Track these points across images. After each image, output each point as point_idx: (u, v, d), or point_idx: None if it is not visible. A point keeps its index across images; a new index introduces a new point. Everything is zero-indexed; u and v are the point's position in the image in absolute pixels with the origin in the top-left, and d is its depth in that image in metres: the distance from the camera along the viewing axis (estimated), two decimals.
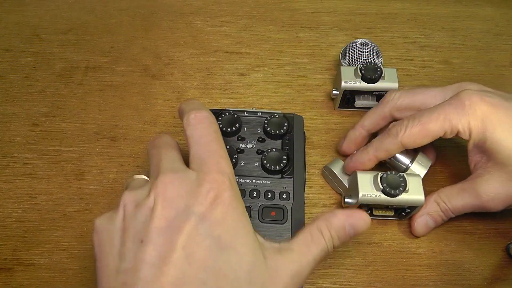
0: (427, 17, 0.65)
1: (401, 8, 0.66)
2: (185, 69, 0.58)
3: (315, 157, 0.50)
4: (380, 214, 0.44)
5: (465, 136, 0.41)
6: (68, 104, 0.54)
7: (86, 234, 0.44)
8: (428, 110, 0.41)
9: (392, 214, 0.45)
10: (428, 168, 0.45)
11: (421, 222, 0.44)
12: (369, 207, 0.44)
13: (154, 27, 0.62)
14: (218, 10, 0.65)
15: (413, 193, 0.41)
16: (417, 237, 0.45)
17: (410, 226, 0.45)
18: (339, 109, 0.54)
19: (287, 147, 0.44)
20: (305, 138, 0.46)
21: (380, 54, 0.55)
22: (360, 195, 0.41)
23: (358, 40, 0.56)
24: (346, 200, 0.43)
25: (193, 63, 0.59)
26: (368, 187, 0.42)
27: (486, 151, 0.40)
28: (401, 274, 0.43)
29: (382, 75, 0.51)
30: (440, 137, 0.41)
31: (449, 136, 0.41)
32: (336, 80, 0.54)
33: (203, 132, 0.33)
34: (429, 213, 0.43)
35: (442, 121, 0.40)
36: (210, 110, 0.46)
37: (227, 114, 0.45)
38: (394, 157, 0.45)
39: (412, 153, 0.45)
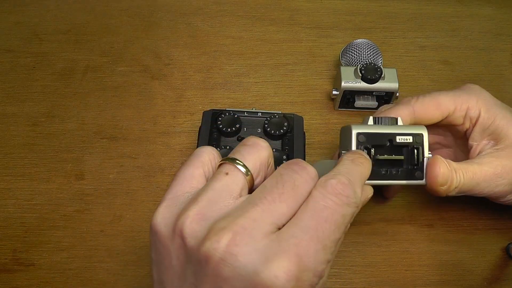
0: (427, 17, 0.65)
1: (401, 8, 0.66)
2: (185, 69, 0.58)
3: (315, 157, 0.50)
4: (387, 158, 0.37)
5: (475, 113, 0.41)
6: (68, 104, 0.54)
7: (86, 234, 0.44)
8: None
9: (403, 158, 0.38)
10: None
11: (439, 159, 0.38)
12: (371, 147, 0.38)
13: (154, 27, 0.62)
14: (218, 10, 0.65)
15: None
16: (437, 187, 0.38)
17: (428, 176, 0.38)
18: (339, 109, 0.54)
19: (287, 147, 0.44)
20: (305, 138, 0.46)
21: (380, 54, 0.55)
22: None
23: (358, 40, 0.56)
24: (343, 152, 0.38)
25: (193, 63, 0.59)
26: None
27: (495, 130, 0.40)
28: (401, 274, 0.43)
29: (382, 75, 0.51)
30: (450, 124, 0.42)
31: (458, 114, 0.41)
32: (336, 80, 0.54)
33: (331, 215, 0.26)
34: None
35: (452, 96, 0.41)
36: (210, 110, 0.47)
37: (227, 114, 0.45)
38: None
39: None
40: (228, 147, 0.42)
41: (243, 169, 0.28)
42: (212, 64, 0.59)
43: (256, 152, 0.29)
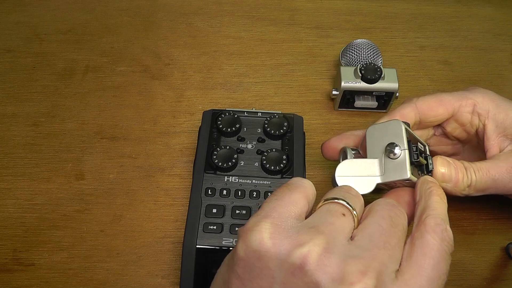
0: (427, 17, 0.65)
1: (401, 8, 0.66)
2: (185, 69, 0.58)
3: (315, 157, 0.50)
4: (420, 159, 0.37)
5: (482, 108, 0.40)
6: (68, 104, 0.54)
7: (86, 234, 0.44)
8: None
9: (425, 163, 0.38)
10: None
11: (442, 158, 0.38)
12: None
13: (154, 27, 0.62)
14: (218, 10, 0.65)
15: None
16: (441, 184, 0.37)
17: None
18: (339, 109, 0.54)
19: (287, 147, 0.44)
20: (305, 138, 0.46)
21: (380, 54, 0.55)
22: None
23: (358, 40, 0.56)
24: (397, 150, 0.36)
25: (193, 63, 0.59)
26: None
27: (511, 124, 0.40)
28: None
29: (382, 75, 0.51)
30: (458, 123, 0.42)
31: (465, 110, 0.41)
32: (336, 80, 0.54)
33: (435, 261, 0.28)
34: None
35: (456, 94, 0.41)
36: (210, 110, 0.47)
37: (227, 114, 0.45)
38: None
39: None
40: (228, 147, 0.43)
41: (355, 213, 0.28)
42: (212, 64, 0.59)
43: (360, 201, 0.30)
